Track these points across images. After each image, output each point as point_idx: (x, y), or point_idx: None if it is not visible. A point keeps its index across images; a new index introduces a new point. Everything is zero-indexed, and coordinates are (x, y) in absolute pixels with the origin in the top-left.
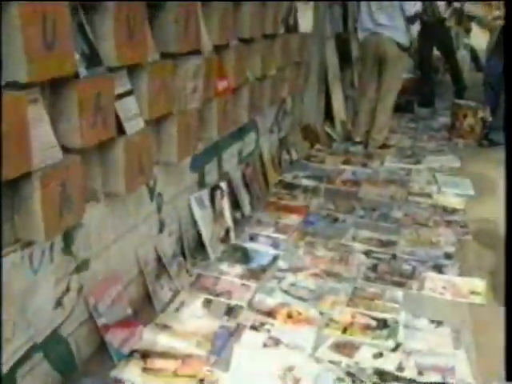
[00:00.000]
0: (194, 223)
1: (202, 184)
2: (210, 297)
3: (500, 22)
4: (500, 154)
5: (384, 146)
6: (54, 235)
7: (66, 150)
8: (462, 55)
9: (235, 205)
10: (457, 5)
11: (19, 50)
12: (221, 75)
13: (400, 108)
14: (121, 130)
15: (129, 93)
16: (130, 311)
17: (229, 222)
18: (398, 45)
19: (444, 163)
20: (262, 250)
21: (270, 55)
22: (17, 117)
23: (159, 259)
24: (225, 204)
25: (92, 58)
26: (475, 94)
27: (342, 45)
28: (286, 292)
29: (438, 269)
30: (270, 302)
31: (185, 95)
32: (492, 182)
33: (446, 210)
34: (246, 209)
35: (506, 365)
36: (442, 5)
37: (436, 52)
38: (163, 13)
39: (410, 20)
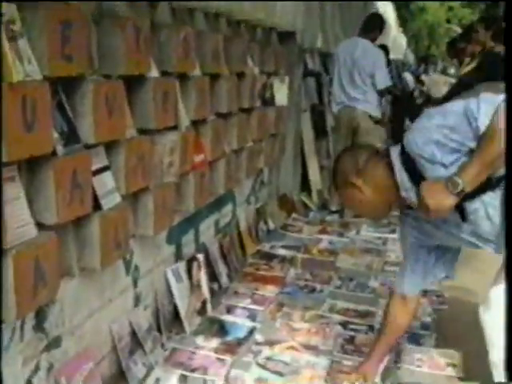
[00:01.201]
0: (171, 296)
1: (178, 256)
2: (186, 372)
3: None
4: None
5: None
6: (27, 314)
7: (41, 226)
8: None
9: (212, 276)
10: (424, 88)
11: None
12: (198, 149)
13: None
14: (97, 205)
15: (106, 168)
16: None
17: (206, 293)
18: (371, 117)
19: None
20: (239, 322)
21: (246, 128)
22: None
23: (134, 333)
24: (202, 276)
25: (70, 136)
26: None
27: (317, 116)
28: (262, 366)
29: (415, 340)
30: (246, 377)
31: (161, 170)
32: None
33: None
34: (224, 280)
35: (505, 365)
36: (410, 79)
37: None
38: (142, 90)
39: (380, 94)
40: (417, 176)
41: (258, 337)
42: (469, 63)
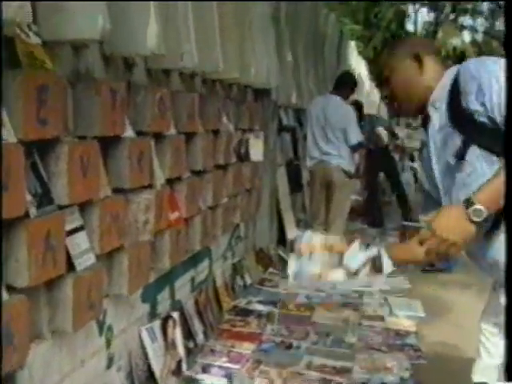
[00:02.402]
0: (145, 356)
1: (153, 315)
2: None
3: None
4: (446, 275)
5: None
6: None
7: (12, 288)
8: (406, 178)
9: (188, 334)
10: (398, 142)
11: None
12: (173, 206)
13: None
14: (70, 265)
15: (80, 228)
16: None
17: (181, 352)
18: (344, 171)
19: (394, 285)
20: (215, 382)
21: (222, 184)
22: None
23: None
24: (177, 334)
25: (44, 197)
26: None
27: (292, 171)
28: None
29: None
30: None
31: (136, 228)
32: (441, 303)
33: (398, 333)
34: (199, 337)
35: (505, 365)
36: (384, 134)
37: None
38: (117, 150)
39: (352, 149)
40: (452, 108)
41: None
42: None
